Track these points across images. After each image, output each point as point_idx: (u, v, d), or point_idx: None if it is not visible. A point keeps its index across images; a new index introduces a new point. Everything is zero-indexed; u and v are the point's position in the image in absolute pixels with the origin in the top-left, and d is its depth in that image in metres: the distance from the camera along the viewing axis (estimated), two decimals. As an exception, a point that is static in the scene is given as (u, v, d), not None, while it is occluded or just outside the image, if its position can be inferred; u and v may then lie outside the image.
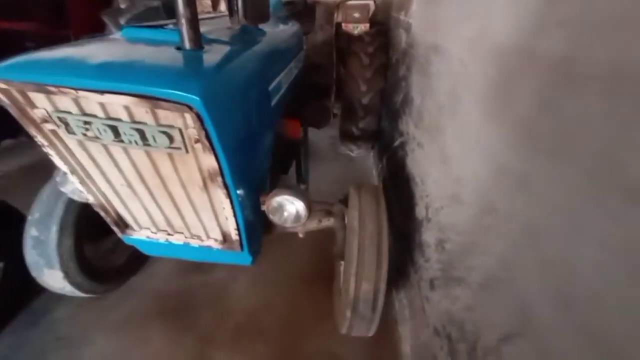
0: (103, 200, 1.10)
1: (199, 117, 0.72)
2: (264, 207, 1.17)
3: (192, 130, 0.77)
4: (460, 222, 1.08)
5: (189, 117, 0.75)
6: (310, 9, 2.68)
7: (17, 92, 0.77)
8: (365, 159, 3.23)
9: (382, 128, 2.72)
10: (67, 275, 1.45)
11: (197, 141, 0.80)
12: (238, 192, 0.95)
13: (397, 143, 2.14)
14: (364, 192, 1.48)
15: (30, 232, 1.40)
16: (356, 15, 2.42)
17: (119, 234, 1.24)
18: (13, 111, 0.81)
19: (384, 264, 1.30)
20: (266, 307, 1.81)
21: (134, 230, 1.22)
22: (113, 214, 1.15)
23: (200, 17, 0.86)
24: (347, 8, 2.45)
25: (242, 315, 1.77)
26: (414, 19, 1.95)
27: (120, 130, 0.81)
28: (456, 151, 1.17)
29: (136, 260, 1.95)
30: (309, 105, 2.55)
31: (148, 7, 2.29)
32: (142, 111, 0.76)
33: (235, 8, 1.02)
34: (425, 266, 1.40)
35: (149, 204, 1.09)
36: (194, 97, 0.69)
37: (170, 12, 2.40)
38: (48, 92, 0.74)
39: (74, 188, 1.14)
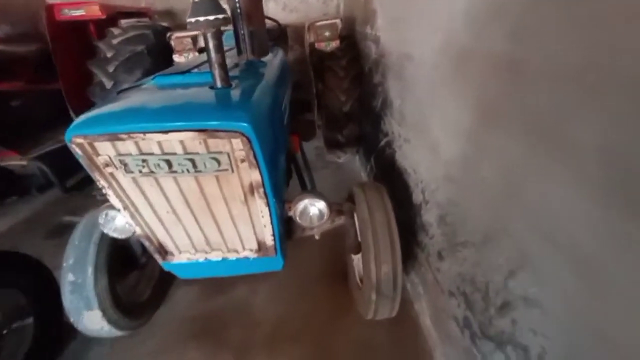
0: (148, 231, 1.23)
1: (248, 140, 0.90)
2: (290, 213, 1.34)
3: (240, 152, 0.94)
4: (455, 195, 1.31)
5: (236, 142, 0.92)
6: (284, 33, 2.92)
7: (88, 144, 0.91)
8: (352, 163, 3.46)
9: (364, 132, 2.97)
10: (105, 314, 1.51)
11: (242, 161, 0.97)
12: (273, 200, 1.12)
13: (382, 143, 2.37)
14: (367, 188, 1.68)
15: (67, 278, 1.47)
16: (327, 34, 2.68)
17: (160, 261, 1.36)
18: (83, 161, 0.94)
19: (397, 246, 1.49)
20: (290, 312, 1.93)
21: (173, 255, 1.35)
22: (156, 242, 1.28)
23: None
24: (317, 29, 2.70)
25: (270, 324, 1.87)
26: (381, 33, 2.22)
27: (174, 162, 0.97)
28: (442, 139, 1.40)
29: (159, 293, 2.04)
30: (296, 120, 2.76)
31: (133, 52, 2.42)
32: (195, 143, 0.92)
33: (244, 46, 1.21)
34: (431, 242, 1.61)
35: (190, 227, 1.23)
36: (244, 124, 0.87)
37: (153, 54, 2.55)
38: (117, 140, 0.89)
39: (115, 227, 1.27)
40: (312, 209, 1.33)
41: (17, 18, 2.62)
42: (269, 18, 2.47)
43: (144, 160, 0.96)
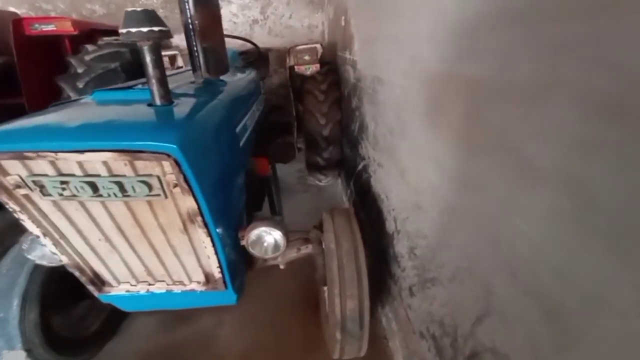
0: (78, 260, 1.09)
1: (177, 163, 0.80)
2: (243, 242, 1.22)
3: (171, 176, 0.84)
4: (424, 226, 1.20)
5: (166, 165, 0.82)
6: (264, 56, 2.91)
7: (-12, 161, 0.80)
8: (333, 187, 3.36)
9: (345, 155, 2.90)
10: (31, 354, 1.33)
11: (175, 186, 0.86)
12: (217, 229, 1.00)
13: (360, 167, 2.29)
14: (336, 215, 1.57)
15: (-13, 313, 1.30)
16: (306, 57, 2.67)
17: (95, 293, 1.21)
18: (-14, 180, 0.82)
19: (364, 280, 1.36)
20: (257, 346, 1.78)
21: (112, 286, 1.20)
22: (89, 272, 1.14)
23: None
24: (297, 52, 2.70)
25: (234, 359, 1.71)
26: (358, 57, 2.20)
27: (99, 185, 0.85)
28: (411, 165, 1.32)
29: (111, 323, 1.85)
30: (274, 142, 2.69)
31: (106, 69, 2.36)
32: (120, 164, 0.82)
33: (198, 63, 1.14)
34: (403, 275, 1.48)
35: (128, 256, 1.10)
36: (171, 145, 0.77)
37: (128, 72, 2.48)
38: (25, 158, 0.77)
39: (43, 253, 1.12)
40: (268, 238, 1.21)
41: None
42: (247, 40, 2.48)
43: (63, 182, 0.85)
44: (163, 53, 2.69)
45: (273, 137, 2.72)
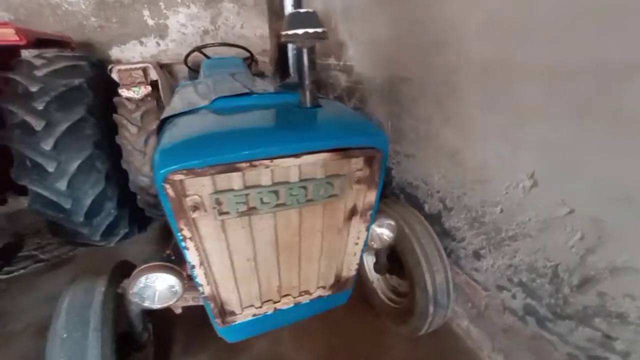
0: (214, 289, 0.96)
1: (373, 159, 0.82)
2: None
3: (359, 172, 0.85)
4: (494, 195, 1.43)
5: (355, 162, 0.83)
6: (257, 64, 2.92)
7: (180, 182, 0.68)
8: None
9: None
10: None
11: (358, 182, 0.87)
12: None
13: (368, 163, 2.45)
14: (390, 203, 1.70)
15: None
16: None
17: (218, 327, 1.07)
18: (173, 204, 0.69)
19: (443, 253, 1.53)
20: (326, 350, 1.75)
21: (235, 315, 1.08)
22: (219, 302, 1.01)
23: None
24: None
25: (311, 369, 1.66)
26: (355, 61, 2.36)
27: (284, 193, 0.81)
28: (463, 146, 1.54)
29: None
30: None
31: (69, 86, 1.97)
32: (315, 167, 0.80)
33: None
34: (461, 245, 1.70)
35: (267, 273, 1.02)
36: (382, 138, 0.79)
37: (95, 89, 2.13)
38: (233, 170, 0.69)
39: (159, 294, 0.96)
40: (380, 229, 1.27)
41: None
42: (245, 49, 2.41)
43: (246, 195, 0.77)
44: (133, 66, 2.41)
45: None
